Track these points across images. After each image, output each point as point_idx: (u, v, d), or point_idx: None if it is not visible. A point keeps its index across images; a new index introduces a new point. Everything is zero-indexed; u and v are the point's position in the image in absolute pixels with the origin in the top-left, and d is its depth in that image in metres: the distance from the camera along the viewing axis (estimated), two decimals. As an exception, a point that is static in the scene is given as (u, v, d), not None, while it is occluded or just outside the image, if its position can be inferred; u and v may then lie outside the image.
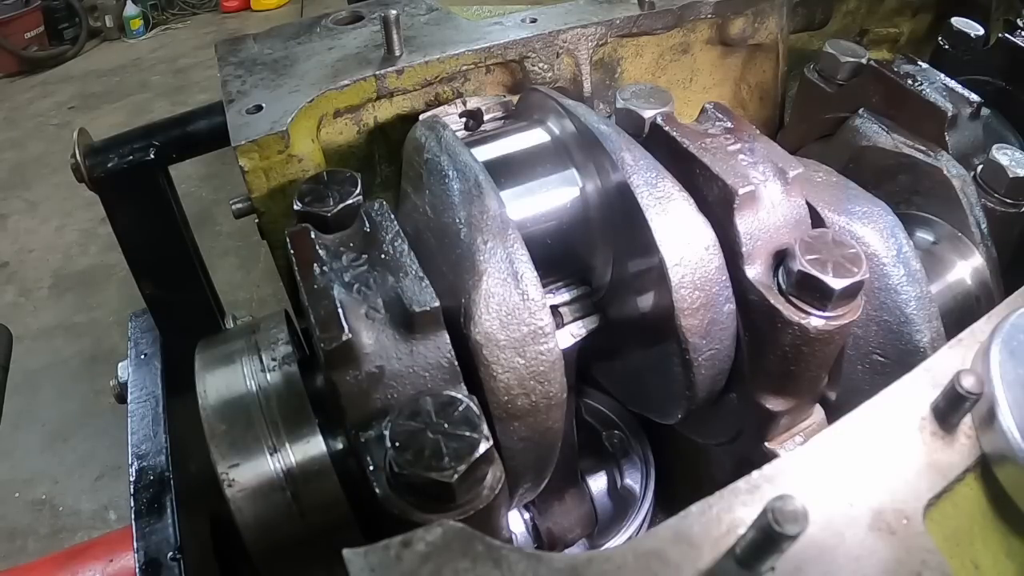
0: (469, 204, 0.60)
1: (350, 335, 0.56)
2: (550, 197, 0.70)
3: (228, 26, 6.09)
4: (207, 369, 0.70)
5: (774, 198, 0.64)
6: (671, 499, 0.94)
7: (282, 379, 0.68)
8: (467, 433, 0.50)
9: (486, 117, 0.82)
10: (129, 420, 0.86)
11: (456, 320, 0.57)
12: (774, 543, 0.38)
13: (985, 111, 0.89)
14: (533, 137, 0.74)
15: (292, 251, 0.63)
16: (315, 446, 0.64)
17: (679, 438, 0.83)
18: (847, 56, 0.94)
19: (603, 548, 0.86)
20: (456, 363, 0.57)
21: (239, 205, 0.84)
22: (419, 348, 0.57)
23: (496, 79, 0.91)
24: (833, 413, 0.72)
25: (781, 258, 0.62)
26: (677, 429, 0.79)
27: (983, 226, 0.82)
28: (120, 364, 0.97)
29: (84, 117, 4.75)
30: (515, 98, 0.86)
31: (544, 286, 0.60)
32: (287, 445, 0.64)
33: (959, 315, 0.81)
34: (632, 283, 0.67)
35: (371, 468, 0.52)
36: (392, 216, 0.64)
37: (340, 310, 0.57)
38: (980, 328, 0.54)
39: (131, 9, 5.90)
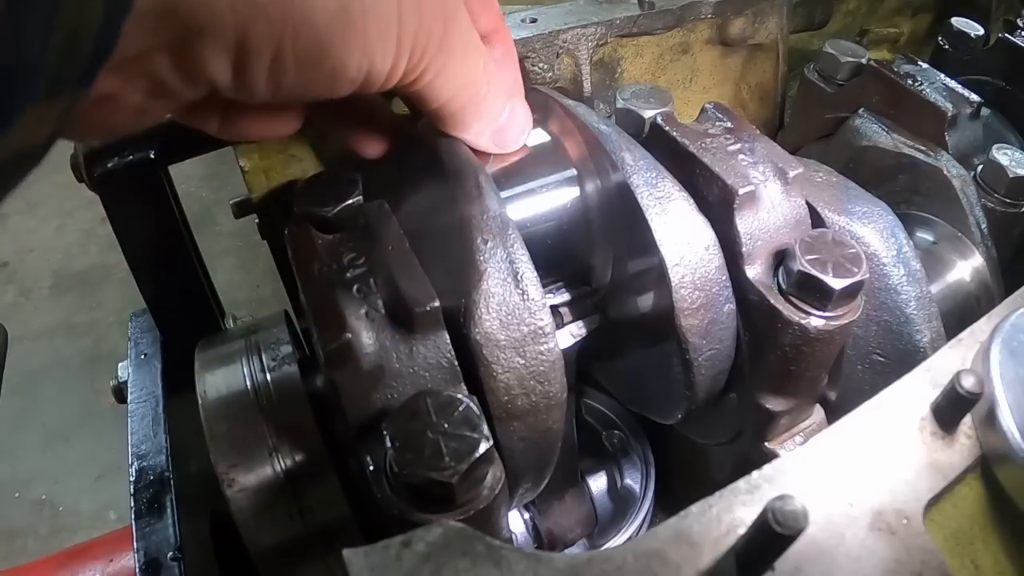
0: (469, 204, 0.60)
1: (350, 335, 0.56)
2: (550, 197, 0.70)
3: (228, 26, 6.08)
4: (207, 369, 0.70)
5: (774, 198, 0.64)
6: (671, 499, 0.94)
7: (282, 379, 0.68)
8: (467, 433, 0.50)
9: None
10: (129, 420, 0.86)
11: (456, 320, 0.58)
12: (774, 543, 0.38)
13: (985, 111, 0.89)
14: (533, 137, 0.74)
15: (292, 251, 0.63)
16: (315, 446, 0.65)
17: (679, 438, 0.83)
18: (847, 56, 0.94)
19: (603, 548, 0.86)
20: (456, 363, 0.57)
21: (239, 205, 0.84)
22: (419, 348, 0.57)
23: (496, 79, 0.90)
24: (833, 413, 0.72)
25: (781, 258, 0.62)
26: (677, 429, 0.79)
27: (983, 226, 0.82)
28: (120, 364, 0.97)
29: (84, 117, 4.74)
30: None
31: (544, 286, 0.60)
32: (287, 445, 0.64)
33: (959, 315, 0.81)
34: (632, 283, 0.67)
35: (371, 468, 0.52)
36: (392, 216, 0.64)
37: (340, 310, 0.57)
38: (980, 328, 0.54)
39: (131, 9, 5.89)
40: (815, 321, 0.59)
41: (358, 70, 0.52)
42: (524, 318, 0.57)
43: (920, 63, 0.91)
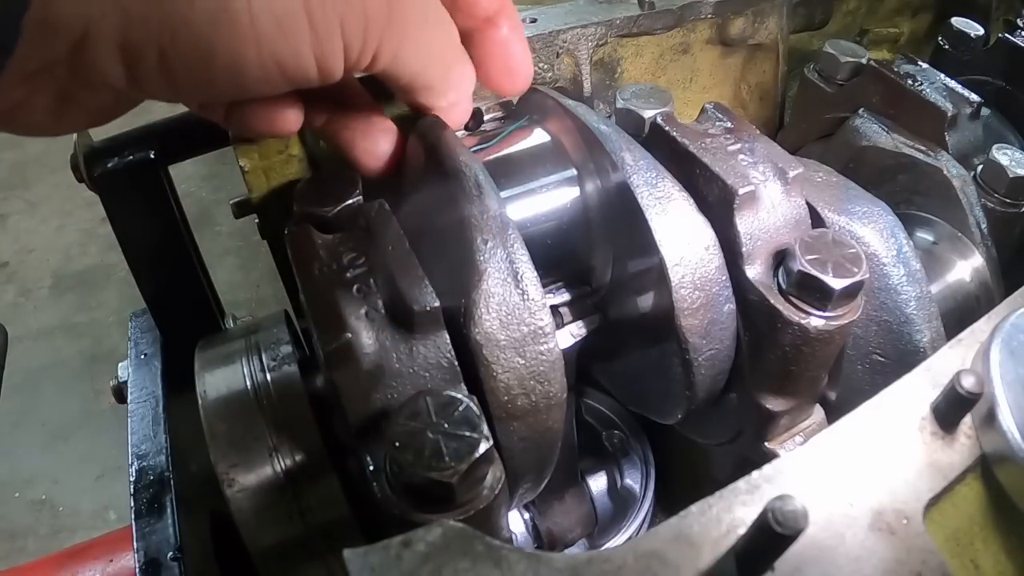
0: (469, 204, 0.60)
1: (350, 335, 0.56)
2: (550, 197, 0.70)
3: (228, 26, 6.08)
4: (207, 369, 0.70)
5: (774, 198, 0.64)
6: (671, 499, 0.94)
7: (282, 379, 0.68)
8: (467, 433, 0.50)
9: (486, 117, 0.82)
10: (129, 420, 0.86)
11: (456, 320, 0.58)
12: (774, 543, 0.38)
13: (985, 111, 0.89)
14: (533, 137, 0.74)
15: (292, 251, 0.63)
16: (315, 446, 0.65)
17: (679, 438, 0.83)
18: (847, 56, 0.94)
19: (603, 548, 0.86)
20: (456, 363, 0.57)
21: (239, 205, 0.84)
22: (419, 348, 0.57)
23: (496, 79, 0.90)
24: (833, 413, 0.72)
25: (781, 258, 0.62)
26: (677, 429, 0.79)
27: (983, 226, 0.82)
28: (120, 364, 0.97)
29: (84, 117, 4.73)
30: (515, 98, 0.86)
31: (544, 286, 0.60)
32: (287, 445, 0.64)
33: (959, 315, 0.81)
34: (632, 283, 0.67)
35: (371, 468, 0.52)
36: (392, 216, 0.64)
37: (340, 310, 0.57)
38: (980, 328, 0.54)
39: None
40: (815, 321, 0.59)
41: (261, 67, 0.51)
42: (524, 318, 0.57)
43: (920, 63, 0.91)
